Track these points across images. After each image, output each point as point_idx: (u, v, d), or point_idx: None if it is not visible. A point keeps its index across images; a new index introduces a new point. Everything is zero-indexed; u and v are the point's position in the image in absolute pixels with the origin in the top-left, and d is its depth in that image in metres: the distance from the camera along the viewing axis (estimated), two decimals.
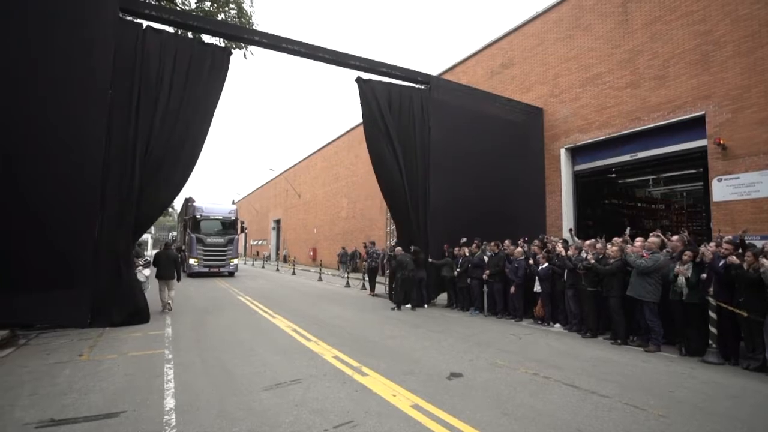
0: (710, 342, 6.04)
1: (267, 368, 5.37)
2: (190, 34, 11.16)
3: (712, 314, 6.01)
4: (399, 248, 11.21)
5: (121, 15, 8.34)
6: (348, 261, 23.45)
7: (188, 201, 21.83)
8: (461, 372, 5.28)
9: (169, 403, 4.17)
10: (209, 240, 19.68)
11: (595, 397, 4.42)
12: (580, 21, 13.63)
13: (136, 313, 8.28)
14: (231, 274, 20.88)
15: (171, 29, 9.19)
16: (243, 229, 21.26)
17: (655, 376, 5.30)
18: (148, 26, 8.64)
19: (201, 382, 4.83)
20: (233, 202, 33.82)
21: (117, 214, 7.97)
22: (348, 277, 18.34)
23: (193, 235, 19.62)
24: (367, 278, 15.25)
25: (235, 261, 21.04)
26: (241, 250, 44.43)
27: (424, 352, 6.39)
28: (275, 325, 8.33)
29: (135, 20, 8.57)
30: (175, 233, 45.47)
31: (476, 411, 4.03)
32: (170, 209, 51.11)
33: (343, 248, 25.27)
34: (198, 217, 19.82)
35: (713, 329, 6.00)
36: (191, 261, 19.48)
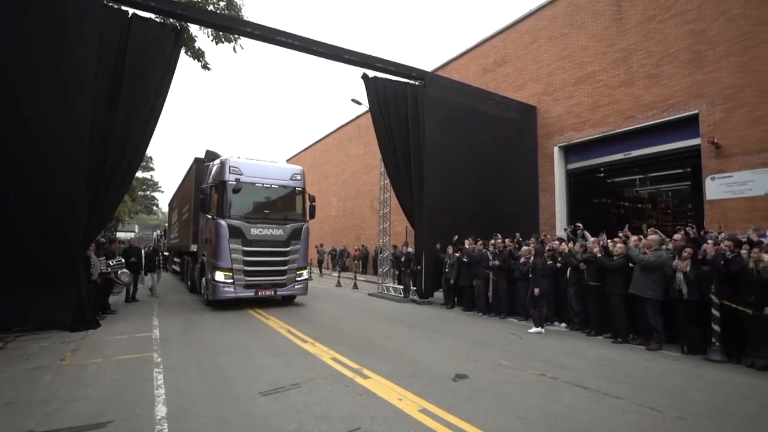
0: (713, 340, 5.99)
1: (264, 371, 5.11)
2: (178, 25, 10.77)
3: (715, 312, 5.96)
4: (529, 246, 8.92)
5: (105, 2, 7.97)
6: (338, 260, 23.19)
7: (207, 158, 11.86)
8: (466, 373, 5.10)
9: (161, 410, 3.88)
10: (255, 231, 9.72)
11: (608, 399, 4.29)
12: (574, 19, 13.61)
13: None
14: (289, 299, 11.00)
15: (158, 18, 8.83)
16: (313, 211, 10.92)
17: (663, 375, 5.21)
18: (134, 14, 8.27)
19: (194, 387, 4.54)
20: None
21: (90, 211, 7.60)
22: (339, 277, 18.07)
23: (221, 222, 9.50)
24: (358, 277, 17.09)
25: (305, 274, 10.86)
26: None
27: (425, 352, 6.20)
28: (269, 326, 8.04)
29: (121, 8, 8.21)
30: (159, 231, 43.44)
31: (488, 415, 3.85)
32: (155, 207, 49.94)
33: (321, 245, 24.96)
34: (233, 182, 9.78)
35: (716, 327, 5.95)
36: (218, 276, 9.43)
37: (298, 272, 10.34)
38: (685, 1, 10.75)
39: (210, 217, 9.89)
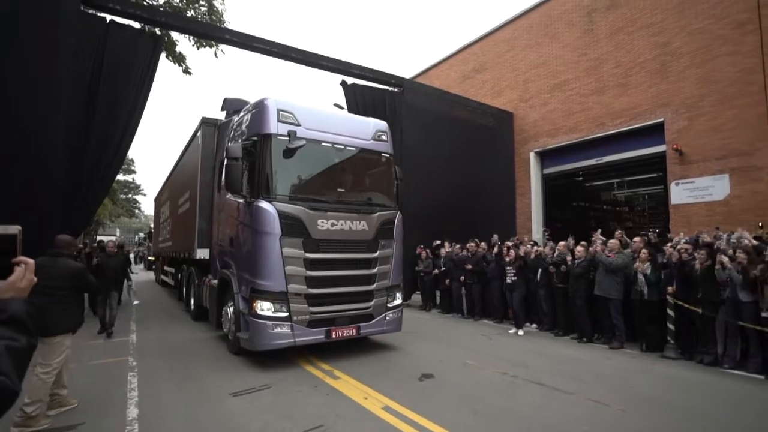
0: (668, 338, 6.35)
1: (237, 374, 5.26)
2: (157, 31, 10.84)
3: (670, 312, 6.31)
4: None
5: (83, 8, 8.02)
6: None
7: (227, 108, 7.62)
8: (432, 373, 5.33)
9: (132, 412, 4.02)
10: (325, 225, 5.76)
11: (559, 394, 4.56)
12: (548, 29, 14.05)
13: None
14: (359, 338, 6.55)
15: (137, 24, 8.91)
16: (398, 190, 6.84)
17: (617, 372, 5.52)
18: (111, 20, 8.34)
19: (167, 390, 4.68)
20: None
21: (67, 213, 7.63)
22: None
23: (265, 208, 5.47)
24: None
25: (399, 297, 6.69)
26: None
27: (396, 354, 6.42)
28: None
29: (98, 14, 8.28)
30: (142, 234, 42.59)
31: (447, 411, 4.08)
32: (137, 210, 49.25)
33: None
34: (284, 137, 5.66)
35: (671, 326, 6.31)
36: (262, 308, 5.38)
37: (389, 295, 6.44)
38: (650, 14, 11.23)
39: (241, 200, 5.84)
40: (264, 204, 5.46)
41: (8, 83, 6.90)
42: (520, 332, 8.04)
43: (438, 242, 11.16)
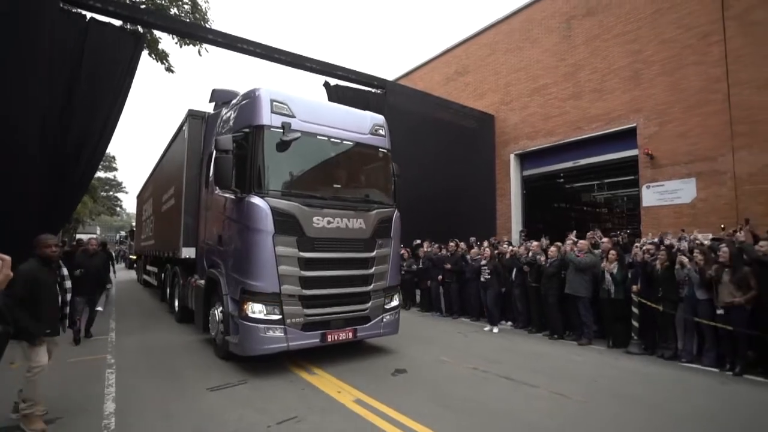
0: (633, 335, 6.66)
1: (216, 370, 5.37)
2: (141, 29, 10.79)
3: (635, 309, 6.63)
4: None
5: (62, 5, 7.97)
6: None
7: (216, 100, 7.35)
8: (406, 368, 5.52)
9: (109, 407, 4.11)
10: (321, 222, 5.47)
11: (526, 388, 4.80)
12: (529, 34, 14.40)
13: None
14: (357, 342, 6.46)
15: (118, 22, 8.89)
16: (395, 187, 6.87)
17: (583, 366, 5.79)
18: (92, 18, 8.30)
19: (145, 385, 4.76)
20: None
21: (46, 211, 7.59)
22: None
23: (257, 204, 5.16)
24: None
25: (396, 299, 6.62)
26: None
27: (372, 351, 6.60)
28: None
29: (78, 11, 8.22)
30: (123, 233, 41.81)
31: (416, 404, 4.26)
32: (119, 208, 48.39)
33: None
34: (277, 129, 5.34)
35: (635, 323, 6.62)
36: (253, 310, 5.06)
37: (386, 296, 6.23)
38: (625, 23, 11.64)
39: (231, 195, 5.52)
40: (256, 199, 5.15)
41: (7, 84, 6.88)
42: (495, 330, 8.29)
43: (418, 242, 11.37)
